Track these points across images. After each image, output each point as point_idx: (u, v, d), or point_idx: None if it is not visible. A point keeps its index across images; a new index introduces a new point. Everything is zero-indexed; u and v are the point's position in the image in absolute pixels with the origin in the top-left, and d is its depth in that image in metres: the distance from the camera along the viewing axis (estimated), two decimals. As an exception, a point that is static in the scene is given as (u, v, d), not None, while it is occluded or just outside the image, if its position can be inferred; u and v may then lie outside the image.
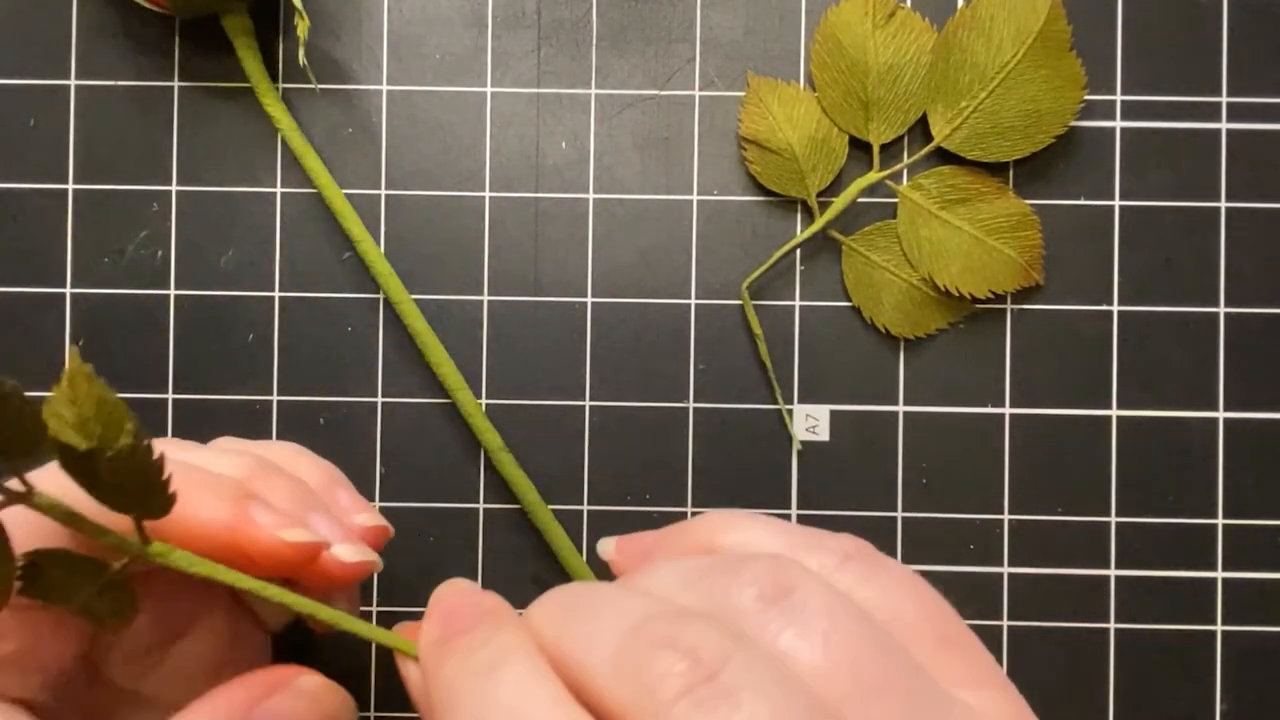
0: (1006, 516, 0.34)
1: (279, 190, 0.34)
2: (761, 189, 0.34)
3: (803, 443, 0.34)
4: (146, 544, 0.19)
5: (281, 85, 0.34)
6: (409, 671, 0.21)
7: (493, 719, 0.16)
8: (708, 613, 0.17)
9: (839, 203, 0.34)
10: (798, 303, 0.34)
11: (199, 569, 0.19)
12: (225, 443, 0.26)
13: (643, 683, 0.16)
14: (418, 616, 0.21)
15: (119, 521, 0.19)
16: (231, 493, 0.21)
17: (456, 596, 0.21)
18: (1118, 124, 0.34)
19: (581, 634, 0.17)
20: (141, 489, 0.18)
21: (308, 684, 0.21)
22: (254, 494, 0.21)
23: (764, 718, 0.15)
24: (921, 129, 0.34)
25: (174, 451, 0.23)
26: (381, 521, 0.25)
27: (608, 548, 0.23)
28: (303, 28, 0.31)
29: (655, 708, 0.15)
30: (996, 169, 0.34)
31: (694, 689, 0.15)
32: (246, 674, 0.21)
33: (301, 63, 0.33)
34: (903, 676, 0.16)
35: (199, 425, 0.34)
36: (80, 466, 0.17)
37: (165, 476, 0.18)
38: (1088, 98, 0.33)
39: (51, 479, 0.18)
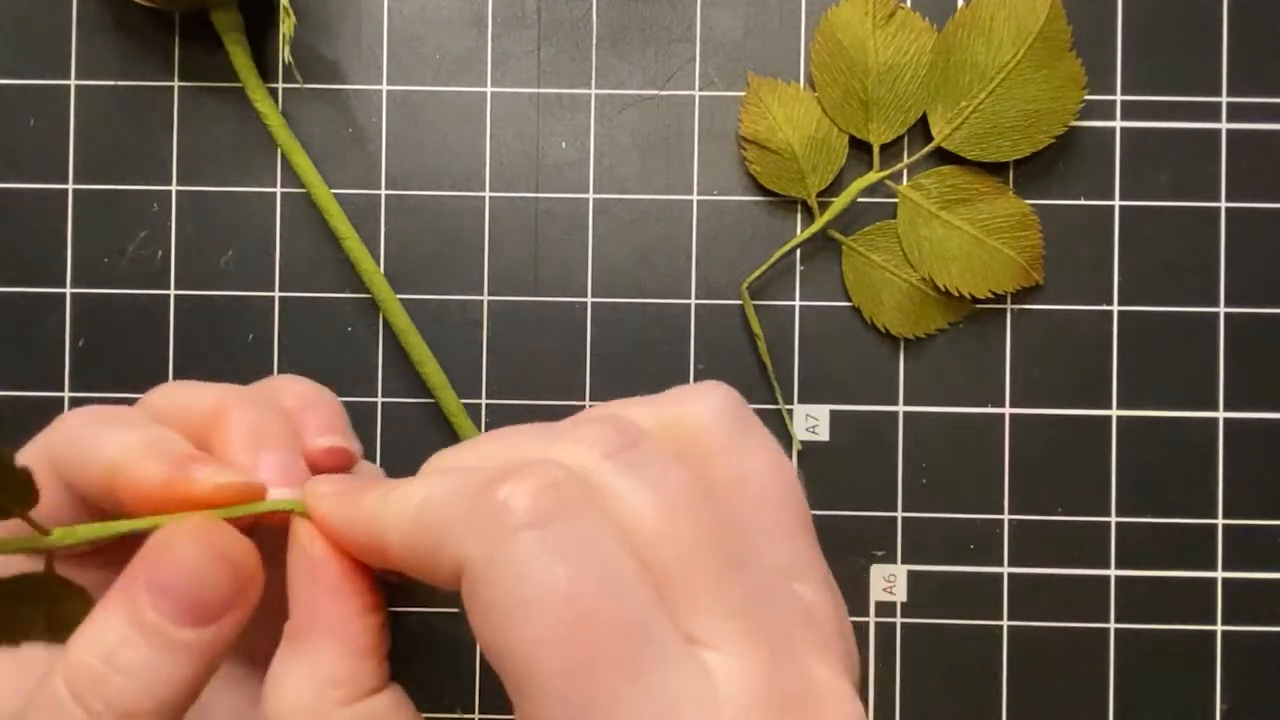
0: (1006, 516, 0.34)
1: (279, 190, 0.34)
2: (761, 189, 0.34)
3: (803, 443, 0.34)
4: (47, 534, 0.19)
5: (281, 85, 0.34)
6: (298, 529, 0.20)
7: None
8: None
9: (839, 203, 0.34)
10: (798, 303, 0.34)
11: (99, 533, 0.20)
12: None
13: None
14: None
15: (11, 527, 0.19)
16: (173, 455, 0.21)
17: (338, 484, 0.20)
18: (1118, 124, 0.34)
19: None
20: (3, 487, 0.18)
21: (185, 528, 0.20)
22: (195, 455, 0.21)
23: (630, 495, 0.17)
24: (921, 129, 0.34)
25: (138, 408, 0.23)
26: (342, 443, 0.24)
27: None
28: (288, 24, 0.31)
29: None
30: (996, 169, 0.34)
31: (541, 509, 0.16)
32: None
33: (287, 59, 0.33)
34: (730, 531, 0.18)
35: (199, 425, 0.34)
36: None
37: (19, 467, 0.18)
38: (1088, 98, 0.33)
39: None
